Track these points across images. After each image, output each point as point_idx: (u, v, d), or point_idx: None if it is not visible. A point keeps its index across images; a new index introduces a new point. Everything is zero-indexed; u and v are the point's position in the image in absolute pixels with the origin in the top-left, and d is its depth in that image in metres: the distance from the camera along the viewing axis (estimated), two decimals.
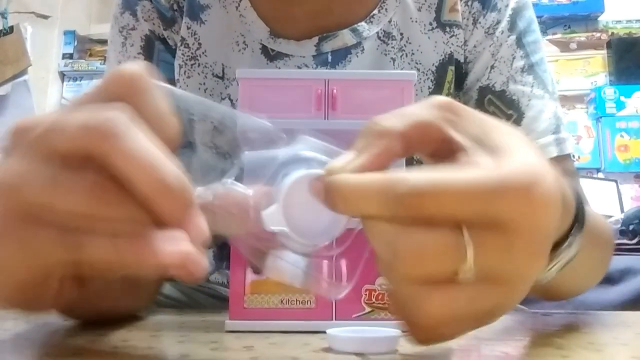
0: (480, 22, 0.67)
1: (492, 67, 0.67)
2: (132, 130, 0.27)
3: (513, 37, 0.68)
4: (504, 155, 0.28)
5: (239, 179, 0.32)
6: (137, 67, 0.29)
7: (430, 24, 0.67)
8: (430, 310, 0.27)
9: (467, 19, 0.67)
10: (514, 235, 0.27)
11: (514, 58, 0.67)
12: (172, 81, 0.67)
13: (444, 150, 0.30)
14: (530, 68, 0.68)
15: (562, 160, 0.66)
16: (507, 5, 0.68)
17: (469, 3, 0.68)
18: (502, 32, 0.67)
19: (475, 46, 0.68)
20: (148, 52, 0.68)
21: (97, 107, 0.28)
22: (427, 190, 0.26)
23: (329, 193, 0.29)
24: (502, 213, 0.26)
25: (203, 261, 0.27)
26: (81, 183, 0.27)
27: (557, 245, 0.40)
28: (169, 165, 0.27)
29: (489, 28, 0.67)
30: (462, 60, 0.68)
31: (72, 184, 0.27)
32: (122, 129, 0.27)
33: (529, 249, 0.27)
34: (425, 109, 0.31)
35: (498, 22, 0.67)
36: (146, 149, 0.27)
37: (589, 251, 0.43)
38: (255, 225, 0.30)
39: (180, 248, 0.27)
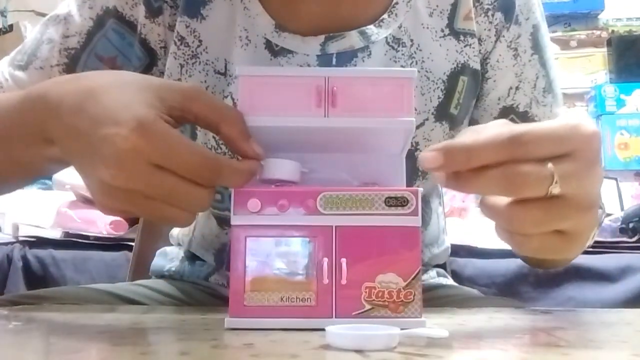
0: (504, 36, 0.65)
1: (517, 88, 0.67)
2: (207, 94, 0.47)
3: (536, 56, 0.67)
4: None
5: None
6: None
7: (442, 30, 0.65)
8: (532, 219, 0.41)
9: (489, 30, 0.65)
10: (580, 159, 0.41)
11: (537, 78, 0.67)
12: (103, 58, 0.65)
13: None
14: (549, 86, 0.68)
15: None
16: (527, 19, 0.66)
17: (490, 13, 0.65)
18: (525, 51, 0.66)
19: (498, 61, 0.66)
20: (98, 24, 0.65)
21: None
22: (530, 138, 0.40)
23: (454, 153, 0.39)
24: (573, 146, 0.40)
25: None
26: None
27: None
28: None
29: (510, 42, 0.66)
30: (479, 69, 0.66)
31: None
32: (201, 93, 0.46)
33: (590, 167, 0.41)
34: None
35: (519, 36, 0.66)
36: (220, 103, 0.48)
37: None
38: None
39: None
